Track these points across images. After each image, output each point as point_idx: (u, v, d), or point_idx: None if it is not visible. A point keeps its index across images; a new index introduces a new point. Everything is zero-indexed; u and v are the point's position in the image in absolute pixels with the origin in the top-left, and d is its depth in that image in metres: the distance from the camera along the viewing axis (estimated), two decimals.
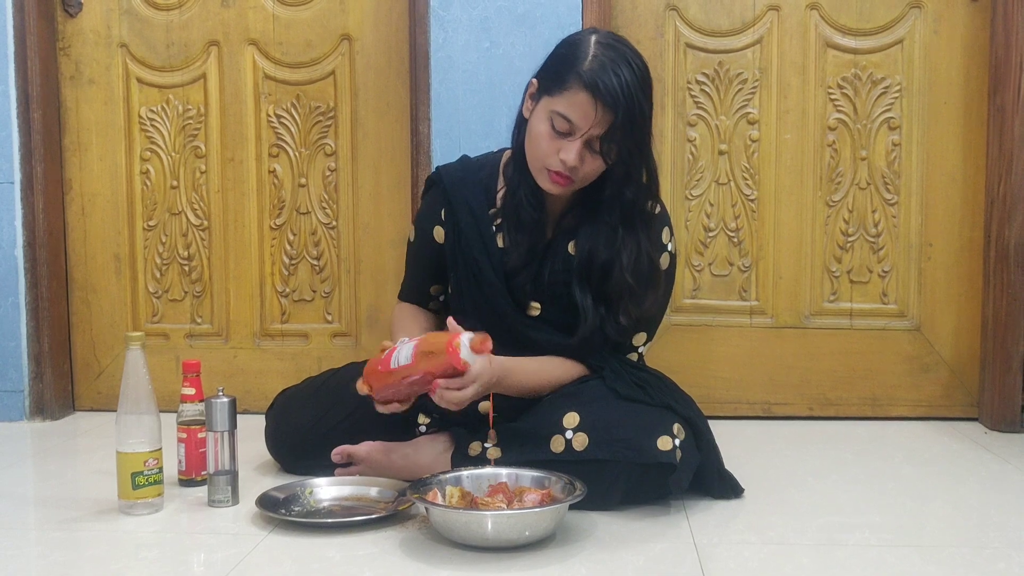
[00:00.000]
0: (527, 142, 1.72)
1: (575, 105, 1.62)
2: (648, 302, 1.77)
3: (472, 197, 1.82)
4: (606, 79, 1.60)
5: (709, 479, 1.71)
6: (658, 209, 1.80)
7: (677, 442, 1.61)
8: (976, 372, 2.33)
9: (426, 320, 1.94)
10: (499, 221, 1.80)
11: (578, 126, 1.63)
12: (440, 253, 1.87)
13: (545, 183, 1.70)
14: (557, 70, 1.66)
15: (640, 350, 1.84)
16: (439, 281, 1.93)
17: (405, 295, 1.98)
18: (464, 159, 1.92)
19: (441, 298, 1.95)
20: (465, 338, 1.57)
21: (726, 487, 1.73)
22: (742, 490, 1.74)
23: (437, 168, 1.92)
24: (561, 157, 1.65)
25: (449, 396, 1.59)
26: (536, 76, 1.72)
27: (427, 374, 1.59)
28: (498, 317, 1.79)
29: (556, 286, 1.78)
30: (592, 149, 1.65)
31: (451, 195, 1.83)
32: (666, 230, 1.81)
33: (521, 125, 1.76)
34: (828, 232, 2.36)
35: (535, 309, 1.81)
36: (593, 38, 1.66)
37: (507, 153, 1.84)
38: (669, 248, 1.81)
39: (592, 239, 1.75)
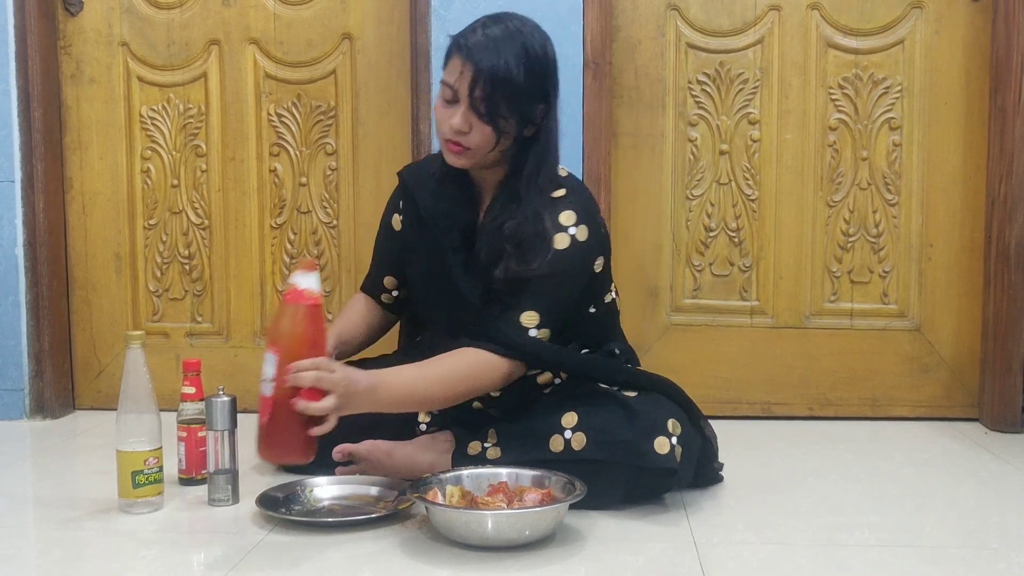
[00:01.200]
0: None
1: (451, 69, 1.70)
2: (527, 269, 1.69)
3: (423, 185, 1.87)
4: (472, 37, 1.69)
5: (708, 472, 1.75)
6: (562, 193, 1.76)
7: (674, 440, 1.62)
8: (976, 373, 2.33)
9: (369, 313, 1.98)
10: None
11: (457, 88, 1.68)
12: (396, 241, 1.93)
13: (447, 155, 1.75)
14: (447, 49, 1.74)
15: (533, 333, 1.70)
16: (394, 273, 1.96)
17: (364, 285, 2.04)
18: (430, 156, 2.01)
19: (395, 293, 1.97)
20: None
21: (713, 474, 1.79)
22: (721, 478, 1.80)
23: (404, 166, 2.01)
24: (449, 123, 1.70)
25: (305, 376, 1.46)
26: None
27: (283, 358, 1.44)
28: (449, 303, 1.80)
29: (489, 267, 1.75)
30: (475, 112, 1.68)
31: (408, 184, 1.90)
32: (570, 214, 1.73)
33: None
34: (829, 232, 2.36)
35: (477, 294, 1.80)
36: (483, 17, 1.74)
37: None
38: (571, 232, 1.72)
39: (502, 214, 1.75)
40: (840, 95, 2.33)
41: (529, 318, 1.70)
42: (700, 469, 1.73)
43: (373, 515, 1.59)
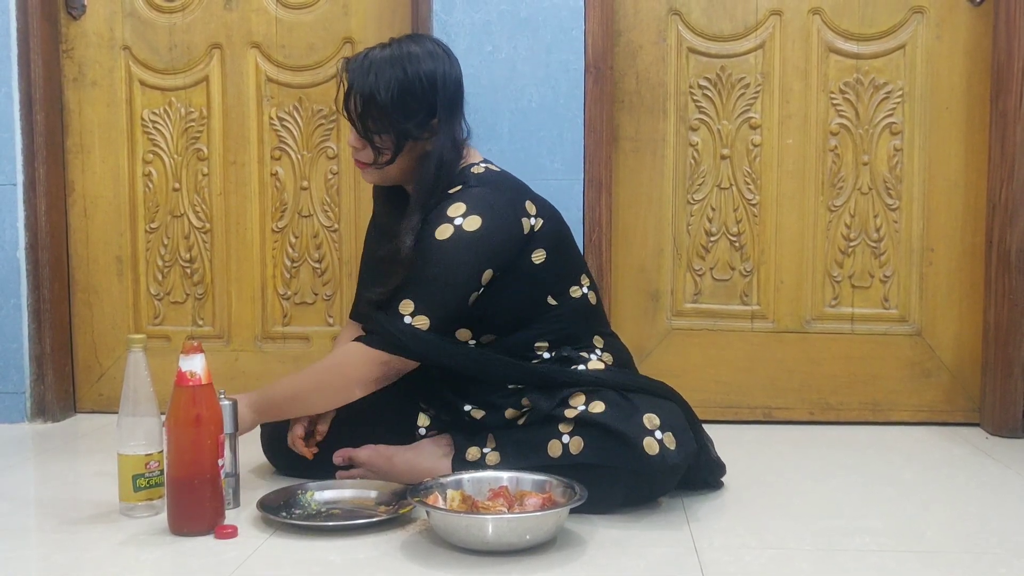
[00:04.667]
0: None
1: (341, 90, 1.80)
2: (412, 269, 1.72)
3: (379, 202, 1.97)
4: (356, 59, 1.79)
5: (704, 472, 1.75)
6: (457, 188, 1.78)
7: (658, 435, 1.61)
8: (977, 377, 2.33)
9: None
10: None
11: (339, 108, 1.80)
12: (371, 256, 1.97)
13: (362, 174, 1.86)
14: None
15: (407, 320, 1.70)
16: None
17: (352, 313, 2.06)
18: None
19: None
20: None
21: (713, 478, 1.79)
22: (722, 484, 1.81)
23: None
24: (349, 142, 1.82)
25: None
26: None
27: (172, 440, 1.57)
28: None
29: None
30: (366, 130, 1.77)
31: (374, 199, 1.98)
32: (459, 205, 1.74)
33: None
34: (830, 237, 2.36)
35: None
36: (391, 39, 1.83)
37: None
38: (456, 222, 1.71)
39: (402, 227, 1.79)
40: (841, 100, 2.34)
41: (405, 306, 1.71)
42: (699, 470, 1.74)
43: (374, 519, 1.59)
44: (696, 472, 1.73)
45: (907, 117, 2.33)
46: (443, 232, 1.72)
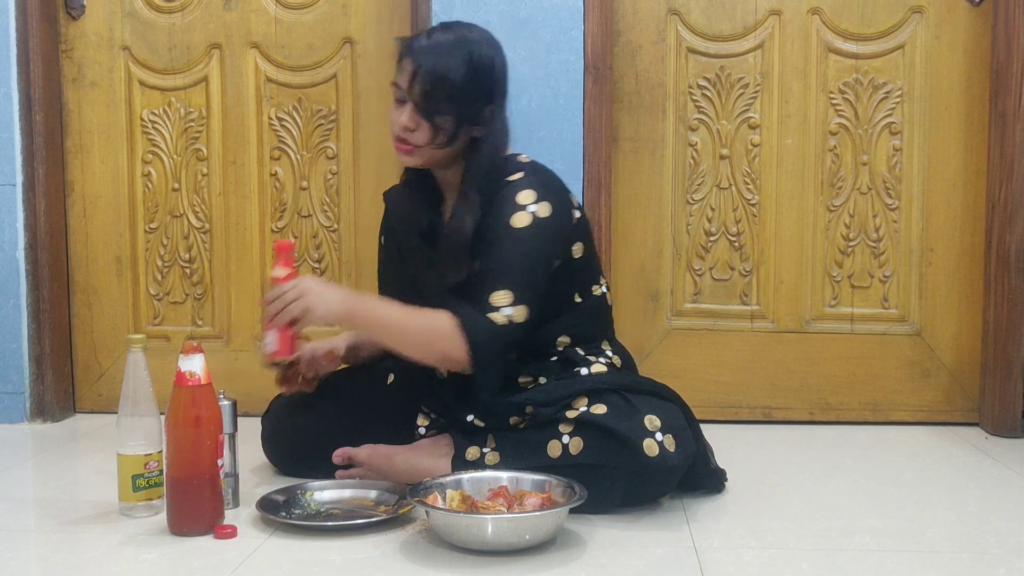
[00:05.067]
0: None
1: (400, 70, 1.76)
2: (492, 256, 1.71)
3: (395, 196, 1.94)
4: (420, 40, 1.76)
5: (701, 475, 1.74)
6: (519, 175, 1.77)
7: (659, 436, 1.61)
8: (977, 377, 2.33)
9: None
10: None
11: (403, 87, 1.74)
12: (383, 258, 1.98)
13: (399, 156, 1.81)
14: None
15: (505, 311, 1.67)
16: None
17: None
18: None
19: None
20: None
21: (714, 482, 1.77)
22: (724, 486, 1.79)
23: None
24: (397, 122, 1.76)
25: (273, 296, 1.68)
26: None
27: (171, 440, 1.57)
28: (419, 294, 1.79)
29: (452, 269, 1.77)
30: (420, 112, 1.73)
31: (386, 198, 1.97)
32: (529, 192, 1.74)
33: None
34: (829, 237, 2.36)
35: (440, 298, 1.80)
36: (437, 24, 1.83)
37: None
38: (531, 209, 1.71)
39: (456, 215, 1.78)
40: (841, 100, 2.34)
41: (501, 297, 1.67)
42: (696, 473, 1.73)
43: (373, 519, 1.59)
44: (695, 479, 1.72)
45: (906, 117, 2.33)
46: (519, 220, 1.72)
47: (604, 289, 1.87)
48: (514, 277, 1.69)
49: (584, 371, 1.77)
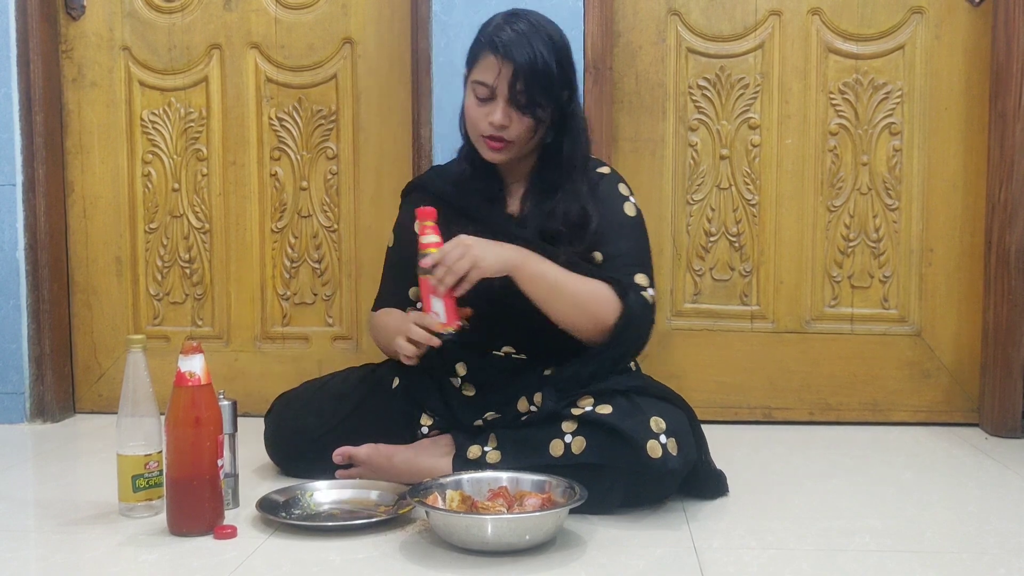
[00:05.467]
0: (466, 120, 1.83)
1: (485, 68, 1.75)
2: (617, 244, 1.78)
3: (445, 188, 1.91)
4: (502, 34, 1.75)
5: (701, 479, 1.73)
6: (608, 170, 1.88)
7: (663, 439, 1.61)
8: (977, 378, 2.33)
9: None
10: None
11: (492, 86, 1.74)
12: None
13: (486, 152, 1.80)
14: (472, 49, 1.81)
15: (649, 292, 1.77)
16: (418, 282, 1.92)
17: (381, 305, 1.97)
18: (434, 167, 2.04)
19: (419, 305, 1.91)
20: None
21: (717, 486, 1.76)
22: (727, 489, 1.77)
23: (410, 181, 2.03)
24: (489, 119, 1.76)
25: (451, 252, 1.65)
26: (464, 65, 1.85)
27: (172, 440, 1.57)
28: (479, 298, 1.76)
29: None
30: (515, 106, 1.74)
31: (432, 190, 1.91)
32: (622, 185, 1.87)
33: (463, 113, 1.86)
34: (829, 237, 2.36)
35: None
36: (500, 15, 1.81)
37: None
38: (632, 200, 1.85)
39: (544, 200, 1.81)
40: (840, 100, 2.34)
41: (642, 279, 1.77)
42: (698, 478, 1.72)
43: (373, 519, 1.59)
44: (698, 483, 1.72)
45: (906, 117, 2.33)
46: (630, 209, 1.83)
47: None
48: (645, 261, 1.81)
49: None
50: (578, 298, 1.72)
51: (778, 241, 2.37)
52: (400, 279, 1.94)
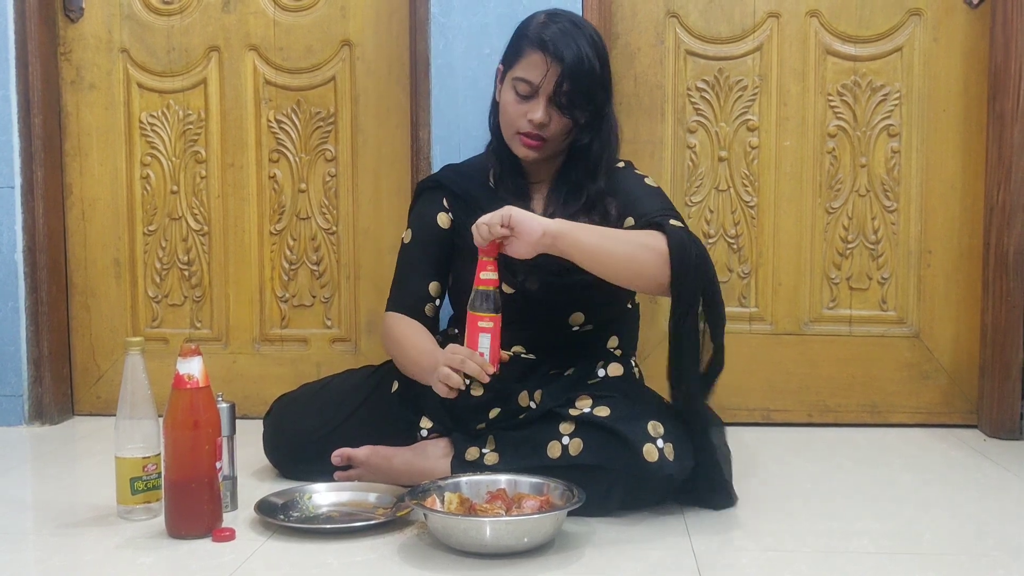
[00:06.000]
0: (500, 116, 1.83)
1: (530, 65, 1.75)
2: (647, 205, 1.77)
3: (472, 182, 1.91)
4: (550, 34, 1.74)
5: (714, 489, 1.70)
6: (622, 163, 1.90)
7: (660, 443, 1.61)
8: (975, 379, 2.33)
9: (429, 336, 1.86)
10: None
11: (536, 84, 1.74)
12: (444, 240, 1.90)
13: (519, 149, 1.80)
14: (513, 45, 1.81)
15: (683, 225, 1.74)
16: (439, 277, 1.90)
17: (397, 304, 1.92)
18: (448, 165, 2.01)
19: (437, 301, 1.92)
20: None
21: (724, 497, 1.72)
22: (735, 499, 1.74)
23: (426, 177, 2.02)
24: (528, 117, 1.75)
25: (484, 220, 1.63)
26: (502, 61, 1.85)
27: (170, 442, 1.56)
28: (507, 286, 1.77)
29: (550, 262, 1.72)
30: (556, 105, 1.75)
31: (453, 184, 1.90)
32: (637, 171, 1.89)
33: (495, 109, 1.86)
34: (827, 239, 2.36)
35: (533, 284, 1.81)
36: (541, 13, 1.81)
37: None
38: (649, 178, 1.87)
39: (568, 201, 1.81)
40: (839, 102, 2.34)
41: (676, 223, 1.71)
42: (708, 484, 1.69)
43: (371, 522, 1.59)
44: (708, 491, 1.70)
45: (905, 119, 2.33)
46: (651, 182, 1.86)
47: (636, 300, 1.96)
48: (676, 213, 1.77)
49: (602, 372, 1.81)
50: (627, 248, 1.66)
51: (776, 243, 2.37)
52: (418, 275, 1.90)
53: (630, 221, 1.76)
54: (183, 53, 2.45)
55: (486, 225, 1.63)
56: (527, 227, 1.62)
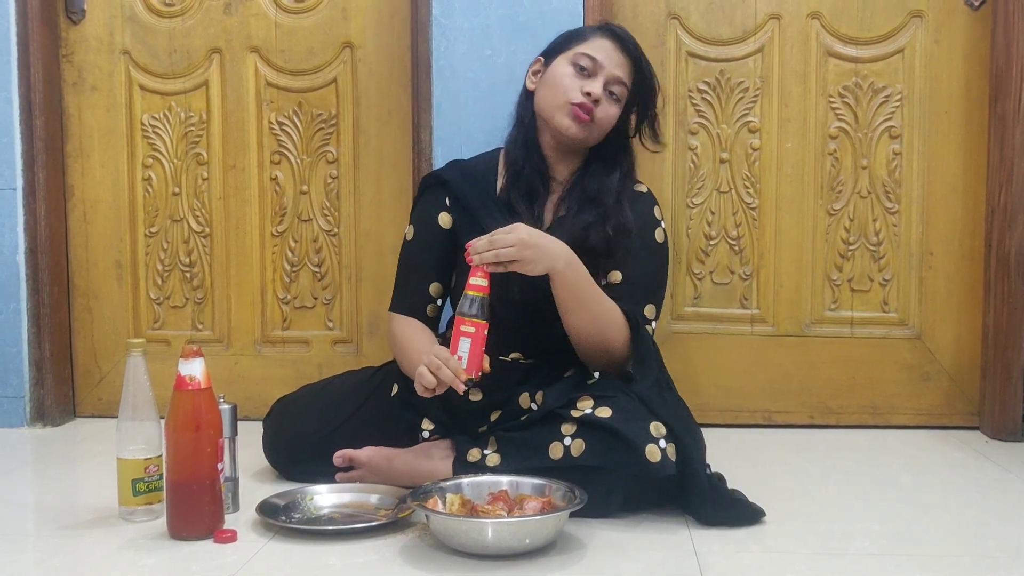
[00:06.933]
0: (545, 91, 1.84)
1: (600, 48, 1.82)
2: (639, 269, 1.82)
3: (475, 184, 1.90)
4: (622, 31, 1.85)
5: (714, 502, 1.65)
6: (645, 189, 1.93)
7: (662, 443, 1.61)
8: (977, 381, 2.33)
9: (426, 329, 1.90)
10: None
11: (602, 64, 1.81)
12: (446, 240, 1.89)
13: (563, 120, 1.82)
14: (571, 35, 1.88)
15: (652, 324, 1.85)
16: (440, 279, 1.90)
17: (400, 305, 1.92)
18: (454, 161, 2.00)
19: (439, 301, 1.92)
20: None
21: (733, 513, 1.65)
22: (761, 513, 1.65)
23: (430, 172, 2.00)
24: (587, 90, 1.80)
25: (499, 239, 1.64)
26: (542, 55, 1.90)
27: (172, 443, 1.57)
28: (505, 293, 1.76)
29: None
30: (610, 94, 1.82)
31: (455, 185, 1.90)
32: (657, 208, 1.91)
33: (526, 99, 1.90)
34: (829, 240, 2.36)
35: (528, 292, 1.79)
36: (596, 22, 1.94)
37: (503, 150, 1.94)
38: (662, 225, 1.89)
39: (583, 208, 1.83)
40: (840, 104, 2.34)
41: (650, 311, 1.84)
42: (717, 501, 1.65)
43: (373, 523, 1.59)
44: (696, 501, 1.65)
45: (906, 121, 2.33)
46: (660, 236, 1.88)
47: None
48: (659, 293, 1.87)
49: (598, 374, 1.81)
50: (598, 316, 1.74)
51: (778, 244, 2.37)
52: (420, 274, 1.91)
53: (617, 276, 1.81)
54: (185, 55, 2.45)
55: (492, 253, 1.63)
56: (530, 269, 1.66)
